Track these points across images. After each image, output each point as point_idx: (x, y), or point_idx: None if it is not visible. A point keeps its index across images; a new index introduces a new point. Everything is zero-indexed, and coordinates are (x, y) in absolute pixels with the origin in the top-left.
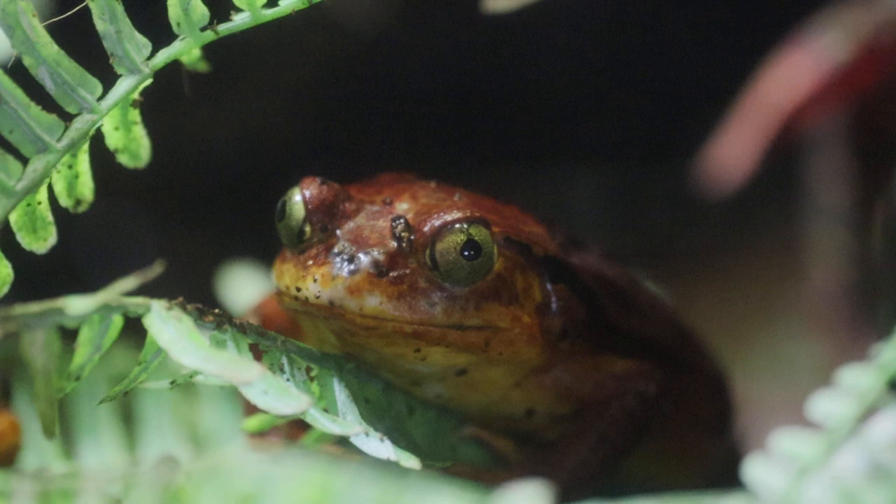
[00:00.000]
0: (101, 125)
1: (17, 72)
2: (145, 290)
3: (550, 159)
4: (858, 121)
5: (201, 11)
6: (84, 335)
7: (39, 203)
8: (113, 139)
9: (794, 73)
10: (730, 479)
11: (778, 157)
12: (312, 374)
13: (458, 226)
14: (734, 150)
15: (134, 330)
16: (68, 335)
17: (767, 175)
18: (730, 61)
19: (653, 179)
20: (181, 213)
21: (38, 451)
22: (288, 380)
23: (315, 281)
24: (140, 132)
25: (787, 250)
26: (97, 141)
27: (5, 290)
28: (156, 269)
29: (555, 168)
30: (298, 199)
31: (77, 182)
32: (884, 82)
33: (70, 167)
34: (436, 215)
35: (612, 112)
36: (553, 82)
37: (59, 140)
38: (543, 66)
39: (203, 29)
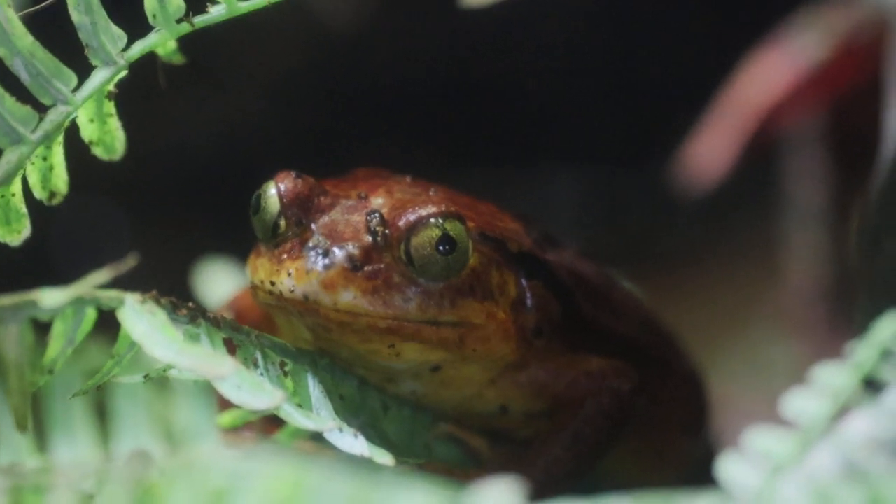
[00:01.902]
0: (76, 117)
1: None
2: (119, 284)
3: (528, 159)
4: (835, 121)
5: (177, 3)
6: (57, 328)
7: (13, 195)
8: (87, 131)
9: (770, 73)
10: (705, 479)
11: (755, 157)
12: (286, 369)
13: (433, 220)
14: (711, 149)
15: (107, 324)
16: (41, 328)
17: (744, 175)
18: (708, 61)
19: (630, 180)
20: (156, 207)
21: (10, 446)
22: (262, 375)
23: (289, 275)
24: (115, 124)
25: (763, 250)
26: (72, 133)
27: None
28: (129, 262)
29: (533, 168)
30: (273, 192)
31: (51, 174)
32: (860, 82)
33: (44, 159)
34: (411, 210)
35: (590, 112)
36: (531, 81)
37: (33, 131)
38: (522, 65)
39: (179, 21)
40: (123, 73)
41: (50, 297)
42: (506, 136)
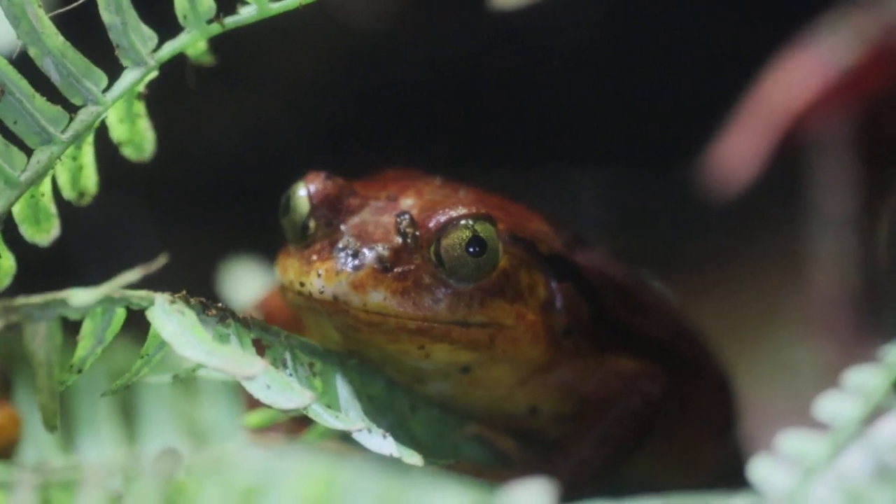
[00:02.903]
0: (106, 117)
1: (23, 63)
2: (148, 284)
3: (553, 161)
4: (864, 125)
5: (208, 4)
6: (86, 328)
7: (43, 195)
8: (117, 131)
9: (799, 76)
10: (733, 481)
11: (782, 160)
12: (315, 369)
13: (463, 222)
14: (738, 152)
15: (136, 324)
16: (70, 328)
17: (772, 179)
18: (735, 63)
19: (656, 183)
20: (184, 207)
21: (38, 444)
22: (291, 375)
23: (319, 276)
24: (145, 125)
25: (791, 255)
26: (101, 133)
27: (7, 281)
28: (159, 262)
29: (558, 170)
30: (303, 193)
31: (81, 174)
32: (890, 86)
33: (74, 159)
34: (441, 211)
35: (616, 114)
36: (558, 83)
37: (63, 131)
38: (548, 67)
39: (209, 21)
40: (154, 74)
41: (79, 297)
42: (531, 137)
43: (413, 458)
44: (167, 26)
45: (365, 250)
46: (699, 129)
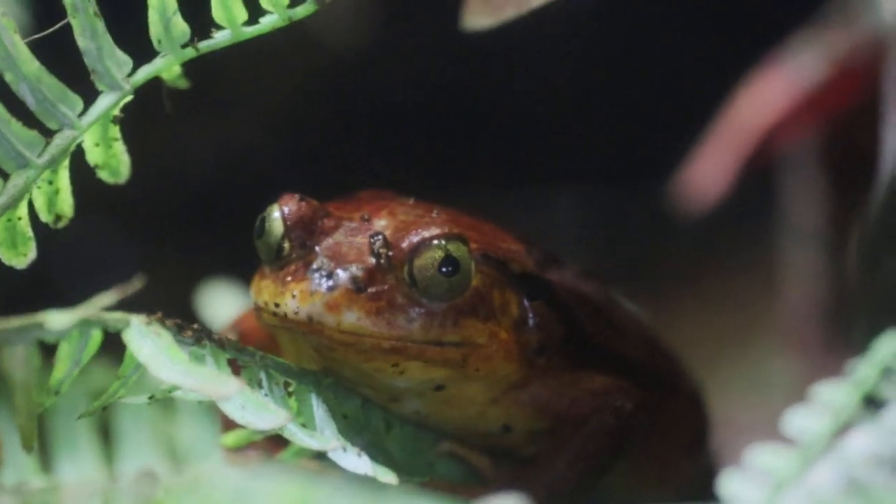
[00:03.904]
0: (82, 141)
1: None
2: (124, 306)
3: (528, 179)
4: (833, 141)
5: (182, 28)
6: (64, 350)
7: (20, 218)
8: (93, 155)
9: (769, 93)
10: (705, 496)
11: (753, 176)
12: (290, 389)
13: (435, 242)
14: (710, 170)
15: (112, 345)
16: (47, 350)
17: (743, 195)
18: (707, 82)
19: (629, 200)
20: (160, 230)
21: (17, 467)
22: (266, 395)
23: (294, 297)
24: (120, 148)
25: (762, 270)
26: (77, 157)
27: None
28: (135, 285)
29: (532, 188)
30: (277, 215)
31: (57, 198)
32: (859, 103)
33: (50, 183)
34: (414, 232)
35: (589, 133)
36: (531, 102)
37: (39, 156)
38: (522, 87)
39: (184, 46)
40: (129, 98)
41: (56, 320)
42: (505, 156)
43: (388, 476)
44: (142, 50)
45: (339, 271)
46: (671, 147)
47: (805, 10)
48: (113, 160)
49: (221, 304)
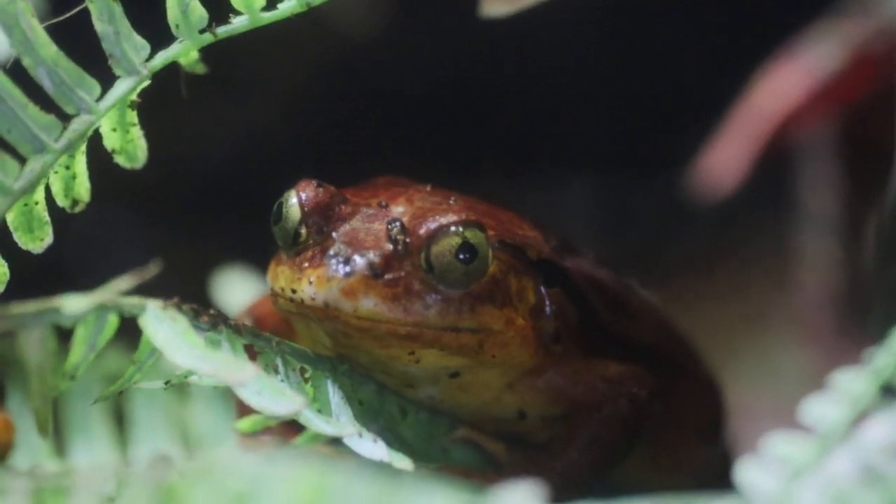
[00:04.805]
0: (99, 126)
1: (16, 72)
2: (140, 291)
3: (541, 167)
4: (849, 130)
5: (200, 13)
6: (79, 334)
7: (36, 203)
8: (110, 140)
9: (785, 83)
10: (720, 484)
11: (769, 165)
12: (306, 375)
13: (453, 228)
14: (726, 158)
15: (128, 330)
16: (63, 334)
17: (759, 184)
18: (724, 71)
19: (645, 189)
20: (177, 215)
21: (31, 450)
22: (282, 381)
23: (310, 283)
24: (137, 133)
25: (777, 259)
26: (94, 142)
27: (1, 289)
28: (152, 270)
29: (546, 176)
30: (294, 201)
31: (74, 182)
32: (875, 92)
33: (67, 167)
34: (431, 218)
35: (604, 121)
36: (545, 90)
37: (56, 140)
38: (536, 74)
39: (202, 31)
40: (146, 83)
41: (73, 304)
42: (521, 144)
43: (403, 462)
44: (160, 35)
45: (356, 257)
46: (686, 134)
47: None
48: (130, 145)
49: (237, 289)
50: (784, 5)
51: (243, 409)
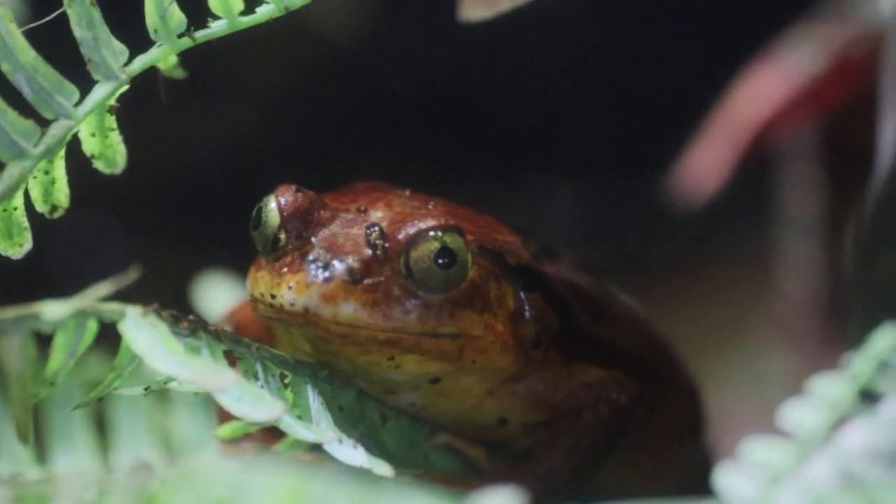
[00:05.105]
0: (78, 131)
1: None
2: (120, 297)
3: (524, 171)
4: (829, 134)
5: (178, 18)
6: (59, 341)
7: (15, 209)
8: (89, 145)
9: (765, 87)
10: (701, 489)
11: (749, 170)
12: (286, 381)
13: (432, 233)
14: (706, 163)
15: (108, 336)
16: (43, 341)
17: (739, 188)
18: (704, 76)
19: (626, 193)
20: (156, 220)
21: (12, 458)
22: (262, 387)
23: (290, 288)
24: (116, 138)
25: (758, 262)
26: (73, 147)
27: None
28: (131, 275)
29: (528, 181)
30: (273, 206)
31: (53, 188)
32: (854, 96)
33: (46, 173)
34: (410, 223)
35: (586, 125)
36: (528, 94)
37: (35, 146)
38: (519, 78)
39: (180, 36)
40: (125, 88)
41: (52, 310)
42: (502, 148)
43: (383, 468)
44: (138, 40)
45: (335, 262)
46: (670, 138)
47: (802, 3)
48: (109, 150)
49: (217, 295)
50: (763, 10)
51: (224, 416)
